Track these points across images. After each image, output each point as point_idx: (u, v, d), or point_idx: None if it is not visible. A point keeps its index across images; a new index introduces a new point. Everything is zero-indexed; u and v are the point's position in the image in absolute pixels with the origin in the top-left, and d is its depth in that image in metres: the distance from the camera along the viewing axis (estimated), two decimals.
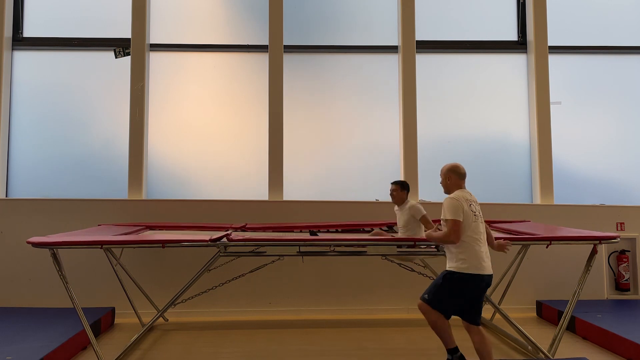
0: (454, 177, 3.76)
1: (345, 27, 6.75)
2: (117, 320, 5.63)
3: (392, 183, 4.93)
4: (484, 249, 3.61)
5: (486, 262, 3.57)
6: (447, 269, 3.63)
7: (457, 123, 6.72)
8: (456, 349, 3.75)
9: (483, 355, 3.62)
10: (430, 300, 3.65)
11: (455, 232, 3.53)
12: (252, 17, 6.69)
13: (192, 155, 6.49)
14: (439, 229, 3.82)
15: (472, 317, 3.64)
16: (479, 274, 3.52)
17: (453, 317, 3.69)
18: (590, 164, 6.73)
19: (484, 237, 3.66)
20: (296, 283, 5.98)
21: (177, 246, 4.30)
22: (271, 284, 5.93)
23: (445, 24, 6.83)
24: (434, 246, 4.47)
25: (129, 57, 6.41)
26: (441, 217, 3.67)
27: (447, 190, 3.81)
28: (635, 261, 6.24)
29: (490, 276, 3.60)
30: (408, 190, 4.92)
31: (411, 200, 4.87)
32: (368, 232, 5.60)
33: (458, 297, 3.59)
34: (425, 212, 4.73)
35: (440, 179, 3.86)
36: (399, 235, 4.87)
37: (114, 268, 5.02)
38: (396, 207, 4.92)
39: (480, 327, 3.66)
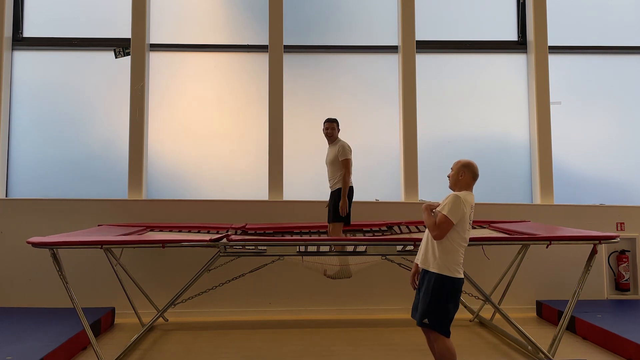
0: (467, 176, 3.47)
1: (345, 27, 6.75)
2: (117, 320, 5.63)
3: (325, 121, 5.30)
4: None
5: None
6: (436, 272, 3.34)
7: (457, 123, 6.72)
8: None
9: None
10: (444, 327, 3.31)
11: (444, 230, 3.30)
12: (252, 17, 6.69)
13: (192, 155, 6.49)
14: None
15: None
16: (463, 279, 3.40)
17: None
18: (590, 164, 6.73)
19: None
20: (296, 283, 5.98)
21: (177, 246, 4.30)
22: (271, 284, 5.93)
23: (445, 24, 6.82)
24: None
25: (129, 57, 6.41)
26: (437, 208, 3.42)
27: (454, 186, 3.53)
28: (635, 261, 6.23)
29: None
30: (339, 127, 5.34)
31: (342, 140, 5.23)
32: (367, 232, 5.61)
33: (456, 302, 3.40)
34: (350, 157, 5.06)
35: (450, 171, 3.58)
36: (327, 172, 5.27)
37: (114, 268, 5.02)
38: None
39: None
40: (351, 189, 5.10)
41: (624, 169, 6.74)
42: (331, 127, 5.18)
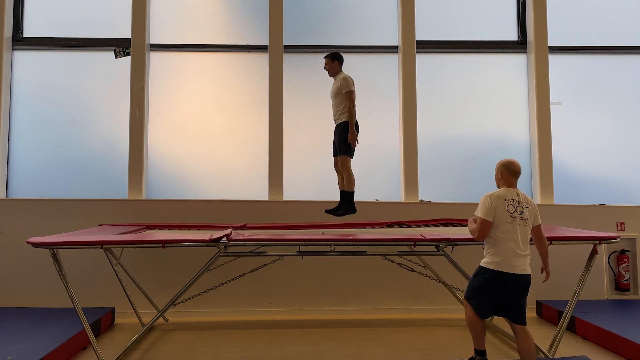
0: (505, 174, 3.77)
1: (345, 27, 6.75)
2: (117, 320, 5.63)
3: (324, 57, 5.26)
4: (516, 248, 3.57)
5: (518, 262, 3.56)
6: (480, 264, 3.72)
7: (457, 123, 6.71)
8: (483, 352, 3.73)
9: (524, 354, 3.64)
10: (467, 296, 3.77)
11: (480, 231, 3.62)
12: (252, 17, 6.69)
13: (192, 155, 6.49)
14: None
15: (512, 317, 3.69)
16: (505, 272, 3.55)
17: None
18: (590, 164, 6.73)
19: (520, 237, 3.60)
20: (296, 283, 5.97)
21: (177, 246, 4.30)
22: (271, 284, 5.92)
23: (445, 24, 6.82)
24: (434, 246, 4.47)
25: (129, 57, 6.41)
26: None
27: (497, 184, 3.85)
28: (635, 261, 6.23)
29: (520, 276, 3.59)
30: (340, 61, 5.23)
31: (345, 72, 5.15)
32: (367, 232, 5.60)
33: (486, 293, 3.63)
34: (352, 89, 4.96)
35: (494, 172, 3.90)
36: (332, 105, 5.17)
37: (114, 268, 5.02)
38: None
39: (525, 327, 3.69)
40: (356, 122, 5.04)
41: (624, 169, 6.73)
42: (327, 63, 5.24)
